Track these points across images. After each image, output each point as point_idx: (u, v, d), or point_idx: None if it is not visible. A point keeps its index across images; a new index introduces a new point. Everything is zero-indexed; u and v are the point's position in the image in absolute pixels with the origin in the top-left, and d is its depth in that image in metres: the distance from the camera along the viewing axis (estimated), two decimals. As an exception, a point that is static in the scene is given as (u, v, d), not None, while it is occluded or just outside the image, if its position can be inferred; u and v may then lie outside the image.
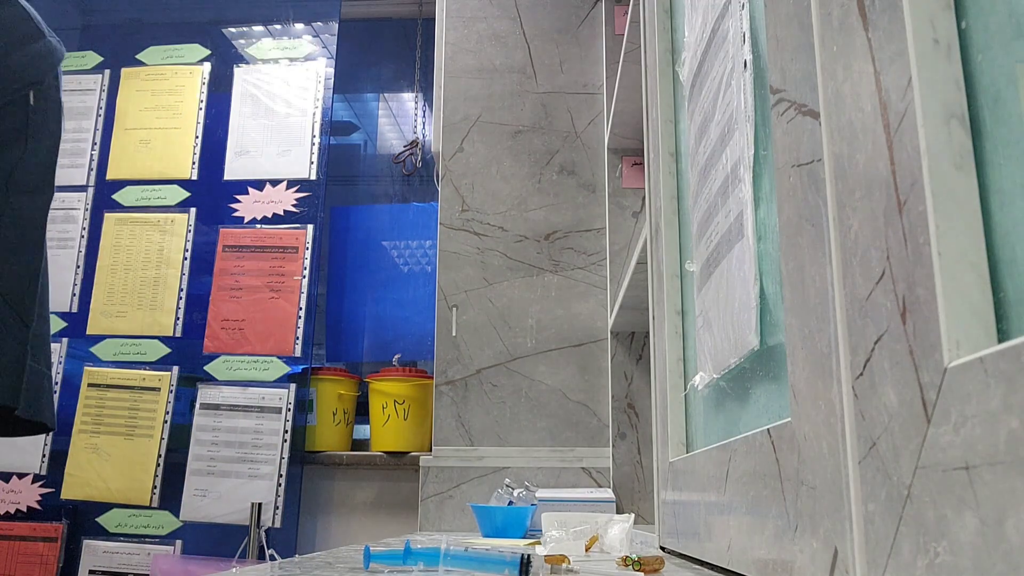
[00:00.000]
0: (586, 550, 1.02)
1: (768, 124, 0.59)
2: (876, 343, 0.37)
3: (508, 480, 1.78)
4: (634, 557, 0.79)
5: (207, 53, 2.39)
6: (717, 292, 0.74)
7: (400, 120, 2.73)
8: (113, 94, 2.37)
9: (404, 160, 2.52)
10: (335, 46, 2.35)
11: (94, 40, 2.45)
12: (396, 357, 2.16)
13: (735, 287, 0.67)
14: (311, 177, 2.22)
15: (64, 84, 1.04)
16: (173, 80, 2.36)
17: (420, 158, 2.52)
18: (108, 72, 2.39)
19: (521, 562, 0.73)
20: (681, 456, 0.91)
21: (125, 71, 2.39)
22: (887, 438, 0.36)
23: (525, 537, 1.39)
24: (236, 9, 2.47)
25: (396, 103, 2.75)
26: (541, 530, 1.22)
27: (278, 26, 2.43)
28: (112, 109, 2.36)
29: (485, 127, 2.05)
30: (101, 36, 2.47)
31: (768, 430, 0.55)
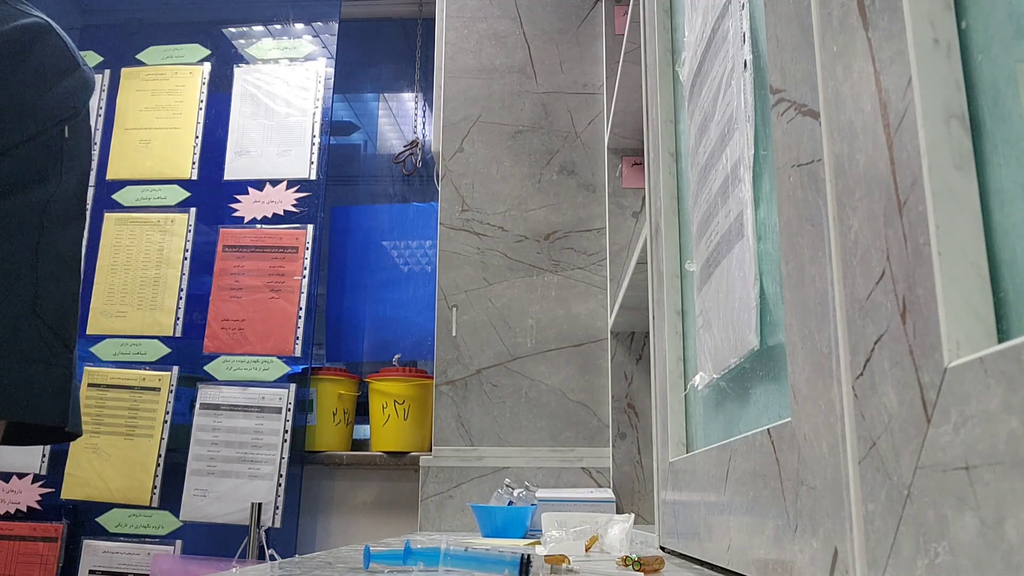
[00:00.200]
0: (586, 550, 1.02)
1: (768, 124, 0.59)
2: (876, 343, 0.37)
3: (508, 480, 1.78)
4: (634, 557, 0.79)
5: (207, 53, 2.39)
6: (717, 292, 0.74)
7: (400, 120, 2.73)
8: (113, 94, 2.37)
9: (404, 160, 2.52)
10: (335, 46, 2.35)
11: (94, 40, 2.45)
12: (396, 357, 2.16)
13: (735, 287, 0.67)
14: (311, 177, 2.22)
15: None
16: (173, 80, 2.36)
17: (420, 158, 2.52)
18: (108, 72, 2.39)
19: (521, 562, 0.73)
20: (681, 456, 0.91)
21: (125, 71, 2.39)
22: (887, 438, 0.36)
23: (525, 537, 1.39)
24: (236, 9, 2.47)
25: (396, 103, 2.75)
26: (541, 530, 1.22)
27: (278, 26, 2.43)
28: (112, 109, 2.36)
29: (485, 127, 2.05)
30: (101, 36, 2.47)
31: (768, 430, 0.55)
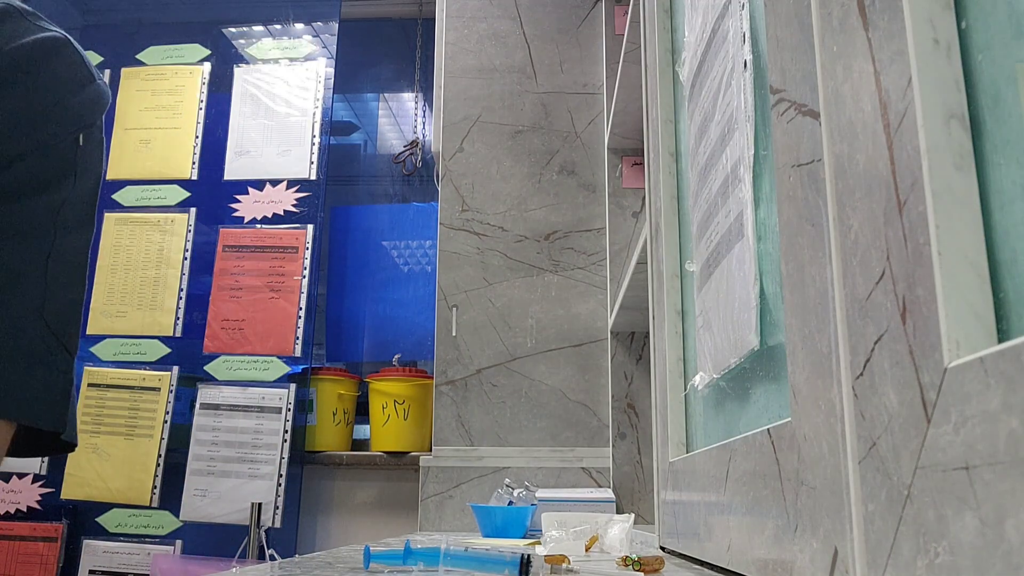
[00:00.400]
0: (586, 550, 1.02)
1: (768, 124, 0.59)
2: (876, 343, 0.37)
3: (508, 480, 1.78)
4: (634, 557, 0.79)
5: (207, 53, 2.39)
6: (717, 292, 0.74)
7: (400, 120, 2.73)
8: (113, 94, 2.36)
9: (404, 160, 2.52)
10: (335, 46, 2.35)
11: (94, 40, 2.45)
12: (396, 357, 2.16)
13: (735, 287, 0.67)
14: (311, 177, 2.22)
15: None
16: (173, 80, 2.36)
17: (420, 158, 2.52)
18: (108, 72, 2.39)
19: (521, 562, 0.73)
20: (681, 456, 0.91)
21: (125, 71, 2.39)
22: (887, 438, 0.36)
23: (525, 537, 1.39)
24: (236, 9, 2.47)
25: (396, 103, 2.75)
26: (541, 530, 1.22)
27: (278, 26, 2.43)
28: (112, 109, 2.36)
29: (485, 127, 2.05)
30: (101, 36, 2.47)
31: (768, 430, 0.55)
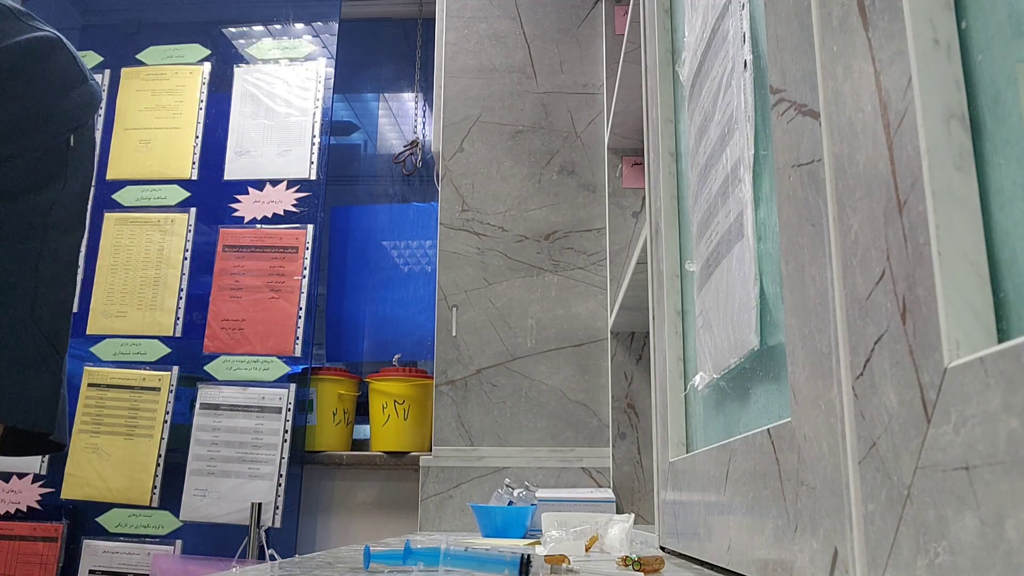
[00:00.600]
0: (586, 550, 1.02)
1: (768, 124, 0.59)
2: (876, 343, 0.37)
3: (508, 480, 1.78)
4: (634, 557, 0.79)
5: (207, 53, 2.39)
6: (717, 292, 0.74)
7: (400, 120, 2.73)
8: (113, 94, 2.37)
9: (404, 160, 2.52)
10: (335, 46, 2.35)
11: (94, 40, 2.45)
12: (396, 357, 2.16)
13: (735, 287, 0.67)
14: (311, 177, 2.22)
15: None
16: (173, 80, 2.36)
17: (420, 158, 2.52)
18: (108, 72, 2.39)
19: (521, 562, 0.73)
20: (681, 456, 0.91)
21: (125, 71, 2.39)
22: (887, 438, 0.36)
23: (525, 537, 1.39)
24: (236, 9, 2.47)
25: (396, 103, 2.75)
26: (541, 530, 1.22)
27: (278, 26, 2.43)
28: (112, 109, 2.36)
29: (485, 127, 2.05)
30: (101, 36, 2.47)
31: (768, 430, 0.55)
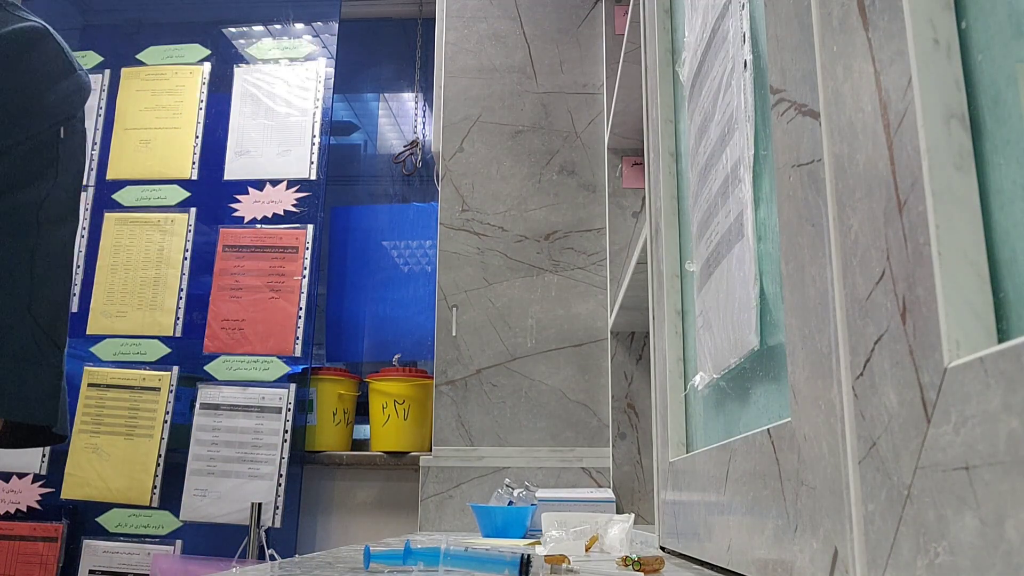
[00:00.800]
0: (586, 550, 1.02)
1: (768, 124, 0.59)
2: (876, 343, 0.37)
3: (508, 480, 1.78)
4: (634, 557, 0.79)
5: (207, 53, 2.39)
6: (717, 292, 0.74)
7: (400, 120, 2.73)
8: (113, 94, 2.37)
9: (404, 160, 2.52)
10: (335, 46, 2.35)
11: (94, 40, 2.45)
12: (396, 357, 2.16)
13: (735, 287, 0.67)
14: (311, 177, 2.22)
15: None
16: (173, 80, 2.36)
17: (420, 158, 2.52)
18: (108, 72, 2.39)
19: (521, 562, 0.73)
20: (681, 456, 0.91)
21: (125, 71, 2.39)
22: (887, 438, 0.36)
23: (525, 537, 1.39)
24: (236, 9, 2.47)
25: (396, 103, 2.75)
26: (541, 530, 1.22)
27: (278, 26, 2.43)
28: (112, 109, 2.36)
29: (485, 127, 2.05)
30: (101, 36, 2.47)
31: (768, 430, 0.55)
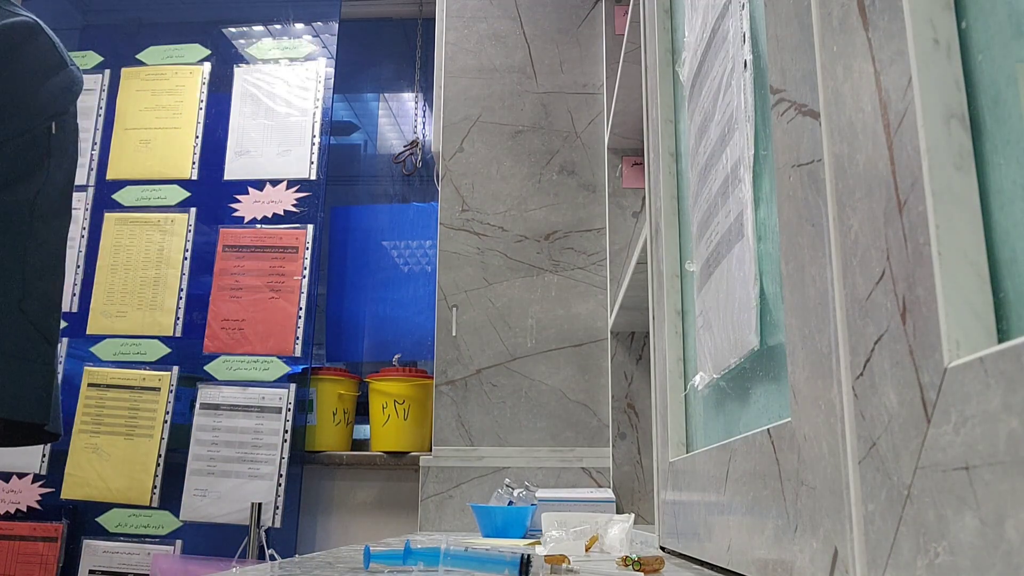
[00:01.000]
0: (586, 550, 1.02)
1: (768, 124, 0.59)
2: (876, 343, 0.37)
3: (508, 480, 1.78)
4: (634, 557, 0.79)
5: (207, 53, 2.39)
6: (717, 292, 0.74)
7: (400, 120, 2.73)
8: (113, 94, 2.37)
9: (404, 160, 2.52)
10: (335, 46, 2.35)
11: (94, 40, 2.45)
12: (396, 357, 2.16)
13: (735, 287, 0.67)
14: (311, 177, 2.22)
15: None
16: (173, 80, 2.36)
17: (420, 158, 2.52)
18: (108, 72, 2.39)
19: (521, 562, 0.73)
20: (681, 456, 0.91)
21: (125, 71, 2.39)
22: (887, 438, 0.36)
23: (525, 537, 1.39)
24: (236, 9, 2.47)
25: (396, 103, 2.75)
26: (541, 530, 1.22)
27: (278, 26, 2.43)
28: (112, 109, 2.36)
29: (485, 127, 2.05)
30: (101, 36, 2.47)
31: (768, 430, 0.55)
